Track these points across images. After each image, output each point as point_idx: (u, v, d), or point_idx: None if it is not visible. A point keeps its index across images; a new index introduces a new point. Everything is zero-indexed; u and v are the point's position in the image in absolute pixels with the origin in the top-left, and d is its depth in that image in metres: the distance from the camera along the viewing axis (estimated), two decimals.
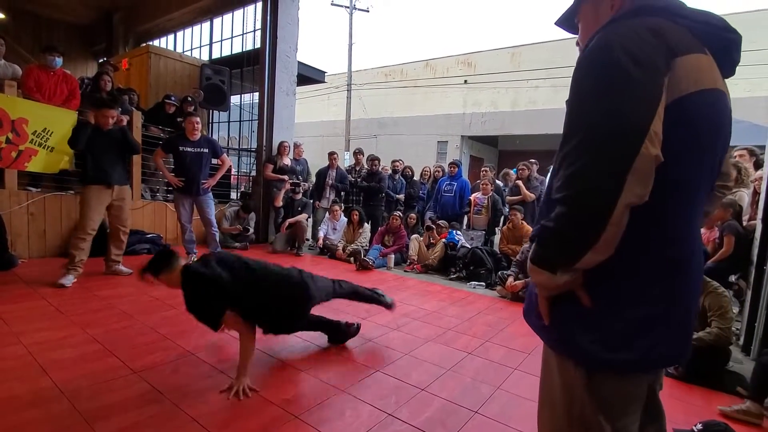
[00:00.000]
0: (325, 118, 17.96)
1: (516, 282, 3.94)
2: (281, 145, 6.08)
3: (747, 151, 3.77)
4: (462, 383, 2.15)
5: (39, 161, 4.08)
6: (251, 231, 5.81)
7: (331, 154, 6.24)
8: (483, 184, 5.65)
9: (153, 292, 3.18)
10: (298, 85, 6.77)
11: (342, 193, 6.33)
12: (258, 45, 6.47)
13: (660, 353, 0.78)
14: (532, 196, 5.47)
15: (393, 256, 5.34)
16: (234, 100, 7.51)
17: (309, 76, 7.91)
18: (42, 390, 1.77)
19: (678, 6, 0.80)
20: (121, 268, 3.80)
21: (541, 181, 5.61)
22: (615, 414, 0.80)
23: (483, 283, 4.54)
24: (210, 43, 8.01)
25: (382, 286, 3.28)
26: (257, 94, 6.46)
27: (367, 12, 16.67)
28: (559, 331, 0.84)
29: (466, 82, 14.38)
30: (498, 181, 6.31)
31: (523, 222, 4.96)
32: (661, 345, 0.78)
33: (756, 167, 3.68)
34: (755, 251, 2.92)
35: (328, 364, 2.28)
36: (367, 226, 6.03)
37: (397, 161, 6.81)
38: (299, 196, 5.80)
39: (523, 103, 13.27)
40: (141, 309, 2.91)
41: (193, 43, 8.40)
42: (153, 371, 2.02)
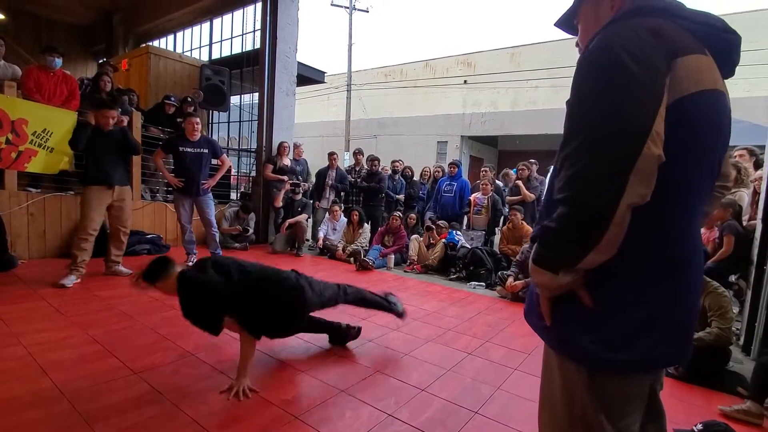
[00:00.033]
0: (325, 118, 17.95)
1: (516, 282, 3.94)
2: (281, 146, 6.08)
3: (747, 151, 3.78)
4: (462, 384, 2.15)
5: (39, 162, 4.07)
6: (251, 231, 5.80)
7: (331, 154, 6.24)
8: (483, 184, 5.65)
9: (153, 292, 3.17)
10: (297, 86, 6.77)
11: (342, 194, 6.32)
12: (258, 45, 6.47)
13: (661, 353, 0.78)
14: (532, 196, 5.47)
15: (393, 256, 5.33)
16: (234, 100, 7.50)
17: (309, 76, 7.92)
18: (42, 391, 1.77)
19: (677, 7, 0.81)
20: (121, 268, 3.79)
21: (541, 181, 5.61)
22: (616, 414, 0.80)
23: (483, 284, 4.54)
24: (210, 44, 8.00)
25: (382, 286, 3.28)
26: (257, 94, 6.46)
27: (367, 12, 16.71)
28: (560, 332, 0.84)
29: (465, 82, 14.38)
30: (498, 182, 6.31)
31: (523, 222, 4.96)
32: (662, 345, 0.78)
33: (756, 167, 3.69)
34: (755, 251, 2.92)
35: (328, 364, 2.28)
36: (367, 226, 6.04)
37: (397, 161, 6.80)
38: (299, 196, 5.79)
39: (523, 103, 13.27)
40: (141, 310, 2.91)
41: (193, 44, 8.40)
42: (153, 372, 2.02)
